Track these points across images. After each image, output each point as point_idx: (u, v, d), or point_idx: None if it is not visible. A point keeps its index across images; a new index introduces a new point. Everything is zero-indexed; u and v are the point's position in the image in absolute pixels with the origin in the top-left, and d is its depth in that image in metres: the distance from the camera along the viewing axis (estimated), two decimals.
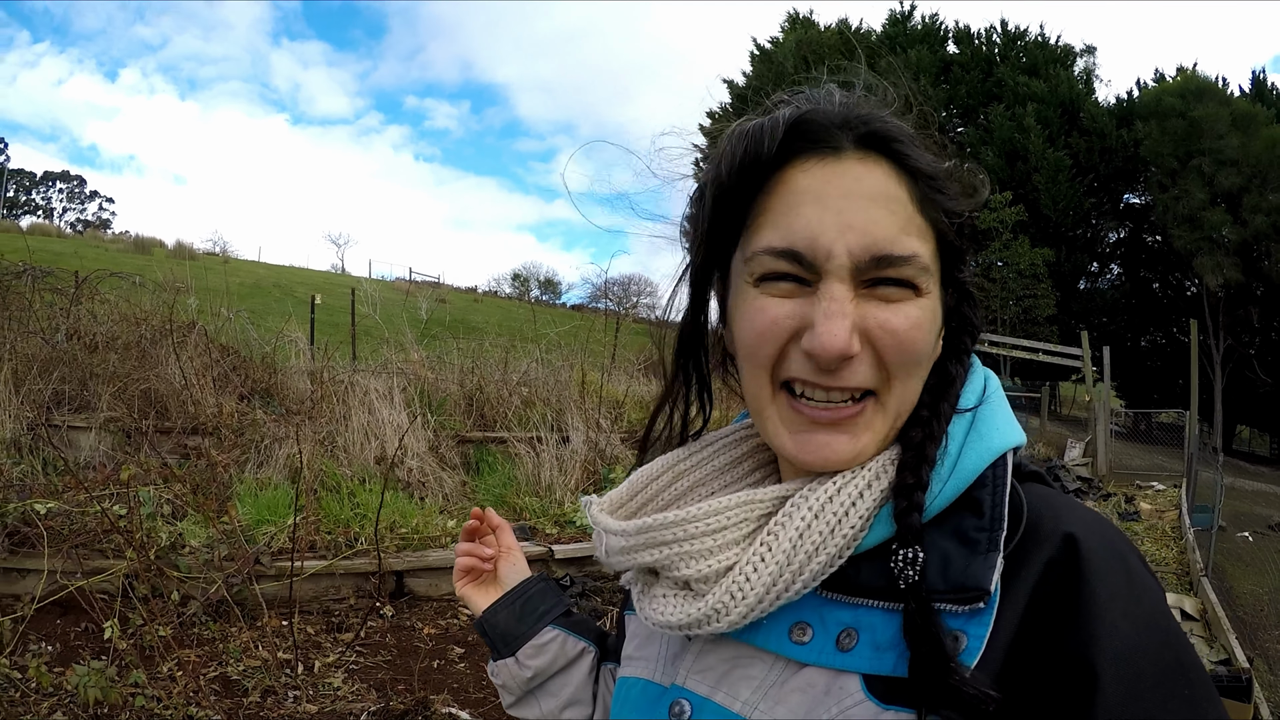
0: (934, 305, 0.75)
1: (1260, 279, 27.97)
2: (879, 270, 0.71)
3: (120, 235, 40.13)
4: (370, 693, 4.20)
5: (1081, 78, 31.22)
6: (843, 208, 0.71)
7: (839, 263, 0.71)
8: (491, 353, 10.19)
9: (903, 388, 0.74)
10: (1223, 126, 26.78)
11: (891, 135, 0.73)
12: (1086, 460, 15.89)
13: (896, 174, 0.73)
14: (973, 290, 0.82)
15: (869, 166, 0.73)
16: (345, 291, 15.00)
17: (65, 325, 7.66)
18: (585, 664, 1.15)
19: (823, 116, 0.74)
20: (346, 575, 5.38)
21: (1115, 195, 31.84)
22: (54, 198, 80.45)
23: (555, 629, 1.15)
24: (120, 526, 4.42)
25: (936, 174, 0.74)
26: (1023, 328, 26.73)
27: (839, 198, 0.72)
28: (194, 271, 10.51)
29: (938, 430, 0.75)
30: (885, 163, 0.73)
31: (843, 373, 0.72)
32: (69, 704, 3.57)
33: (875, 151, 0.73)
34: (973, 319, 0.83)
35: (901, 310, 0.72)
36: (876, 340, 0.72)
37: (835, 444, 0.74)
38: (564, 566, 6.15)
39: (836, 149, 0.73)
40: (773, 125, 0.74)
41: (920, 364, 0.75)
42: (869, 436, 0.74)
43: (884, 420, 0.75)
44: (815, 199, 0.72)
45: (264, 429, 6.92)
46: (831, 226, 0.71)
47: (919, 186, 0.74)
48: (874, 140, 0.73)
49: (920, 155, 0.74)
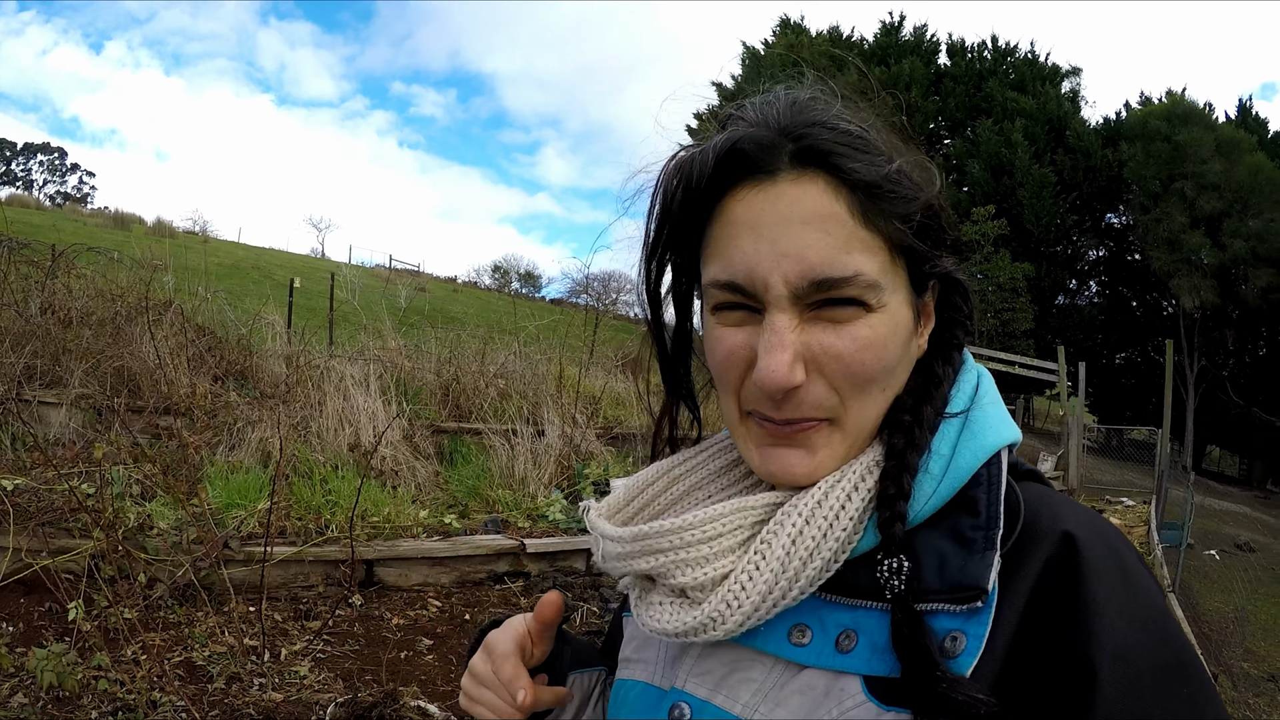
0: (893, 316, 0.73)
1: (1236, 303, 28.31)
2: (821, 293, 0.70)
3: (100, 210, 39.72)
4: (337, 682, 4.16)
5: (1068, 97, 31.47)
6: (777, 236, 0.71)
7: (777, 293, 0.71)
8: (469, 343, 10.16)
9: (859, 407, 0.74)
10: (1206, 151, 27.08)
11: (826, 148, 0.71)
12: (1058, 474, 16.02)
13: (834, 188, 0.71)
14: (961, 278, 0.81)
15: (804, 187, 0.71)
16: (324, 276, 14.89)
17: (40, 299, 7.55)
18: (599, 690, 1.07)
19: (753, 141, 0.73)
20: (316, 562, 5.34)
21: (1097, 214, 32.11)
22: (34, 169, 79.56)
23: (572, 674, 1.03)
24: (88, 505, 4.36)
25: (880, 180, 0.71)
26: (1000, 340, 26.89)
27: (773, 225, 0.71)
28: (173, 250, 10.38)
29: (919, 438, 0.74)
30: (822, 178, 0.71)
31: (792, 402, 0.73)
32: (30, 685, 3.52)
33: (812, 167, 0.72)
34: (963, 308, 0.82)
35: (848, 332, 0.71)
36: (823, 367, 0.72)
37: (791, 458, 0.75)
38: (535, 561, 6.14)
39: (771, 173, 0.72)
40: (703, 158, 0.74)
41: (876, 382, 0.74)
42: (826, 453, 0.75)
43: (841, 439, 0.75)
44: (750, 229, 0.72)
45: (237, 412, 6.84)
46: (767, 256, 0.71)
47: (859, 198, 0.71)
48: (809, 156, 0.72)
49: (861, 163, 0.71)
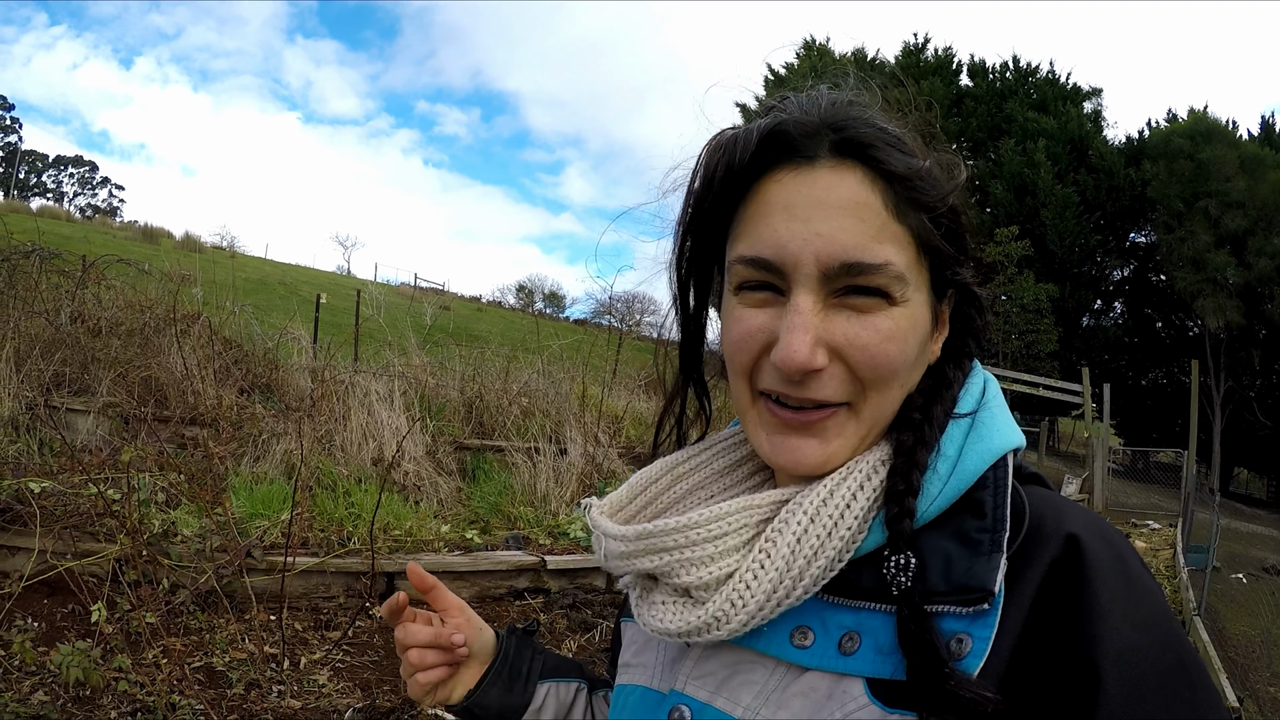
0: (914, 313, 0.74)
1: (1263, 322, 27.97)
2: (850, 278, 0.71)
3: (129, 223, 40.27)
4: (355, 691, 4.17)
5: (1090, 119, 31.32)
6: (811, 216, 0.72)
7: (806, 271, 0.71)
8: (493, 362, 10.20)
9: (879, 398, 0.74)
10: (1230, 169, 26.83)
11: (866, 141, 0.73)
12: (1083, 497, 15.86)
13: (870, 180, 0.72)
14: (976, 290, 0.81)
15: (841, 175, 0.73)
16: (350, 293, 15.01)
17: (70, 308, 7.68)
18: (581, 703, 1.10)
19: (797, 126, 0.74)
20: (337, 574, 5.36)
21: (1121, 234, 31.90)
22: (64, 182, 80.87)
23: (545, 683, 1.07)
24: (114, 510, 4.41)
25: (913, 174, 0.73)
26: (1024, 362, 26.71)
27: (808, 206, 0.72)
28: (201, 264, 10.55)
29: (929, 435, 0.74)
30: (859, 169, 0.73)
31: (810, 385, 0.73)
32: (51, 683, 3.55)
33: (850, 158, 0.73)
34: (976, 320, 0.82)
35: (872, 323, 0.72)
36: (846, 355, 0.72)
37: (805, 448, 0.75)
38: (556, 578, 6.12)
39: (810, 158, 0.74)
40: (746, 136, 0.75)
41: (897, 375, 0.74)
42: (839, 442, 0.75)
43: (857, 428, 0.75)
44: (785, 209, 0.73)
45: (262, 424, 6.91)
46: (799, 235, 0.71)
47: (893, 191, 0.73)
48: (848, 147, 0.73)
49: (897, 158, 0.73)
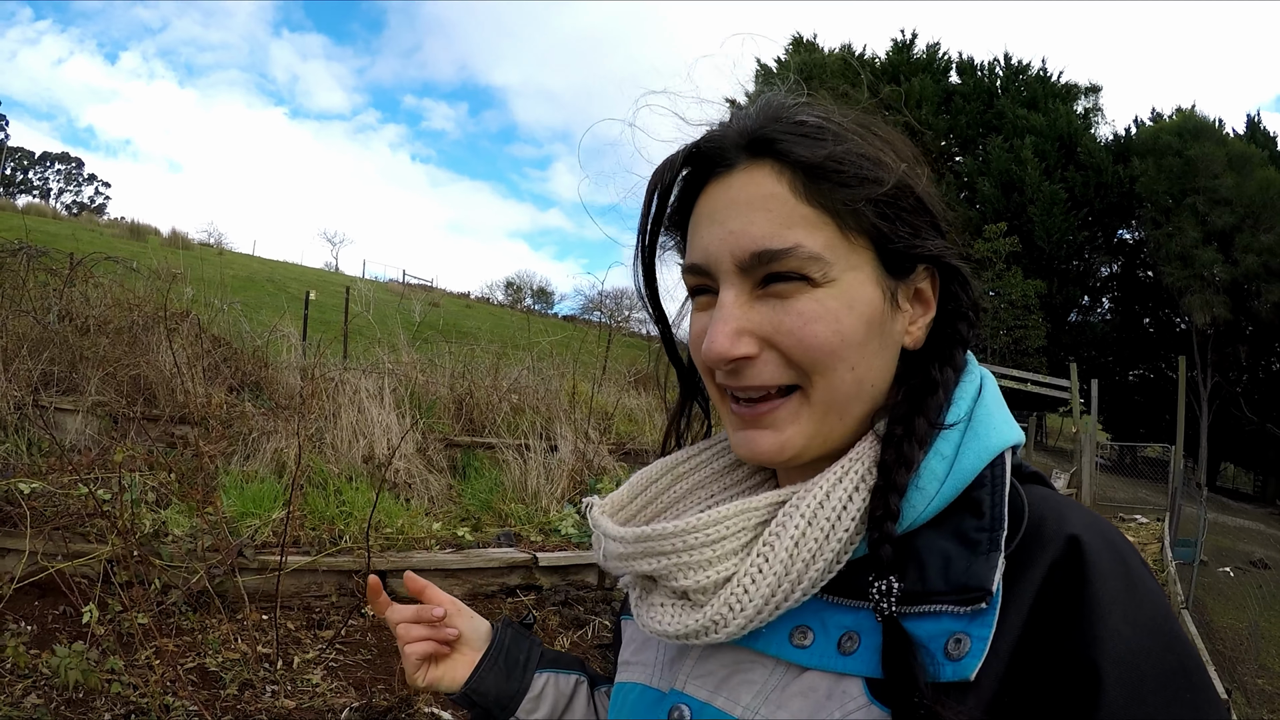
0: (846, 292, 0.74)
1: (1249, 318, 28.17)
2: (765, 267, 0.74)
3: (116, 220, 39.98)
4: (350, 691, 4.16)
5: (1080, 116, 31.39)
6: (726, 217, 0.76)
7: (725, 267, 0.75)
8: (483, 358, 10.15)
9: (826, 381, 0.74)
10: (1218, 166, 27.02)
11: (773, 137, 0.75)
12: (1071, 491, 15.95)
13: (778, 172, 0.75)
14: (957, 265, 0.79)
15: (752, 173, 0.76)
16: (339, 289, 14.95)
17: (58, 306, 7.60)
18: (582, 695, 1.11)
19: (714, 140, 0.79)
20: (329, 572, 5.34)
21: (1109, 230, 32.06)
22: (50, 178, 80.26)
23: (544, 673, 1.09)
24: (104, 511, 4.38)
25: (822, 160, 0.73)
26: (1012, 358, 26.83)
27: (724, 209, 0.76)
28: (188, 261, 10.49)
29: (909, 453, 0.73)
30: (769, 164, 0.75)
31: (745, 373, 0.75)
32: (44, 687, 3.53)
33: (761, 156, 0.76)
34: (963, 298, 0.81)
35: (794, 306, 0.73)
36: (774, 340, 0.74)
37: (759, 439, 0.77)
38: (548, 575, 6.12)
39: (729, 166, 0.77)
40: (673, 160, 0.81)
41: (837, 354, 0.73)
42: (794, 429, 0.76)
43: (811, 412, 0.75)
44: (709, 216, 0.78)
45: (252, 422, 6.87)
46: (717, 236, 0.76)
47: (800, 177, 0.74)
48: (759, 146, 0.76)
49: (805, 147, 0.74)
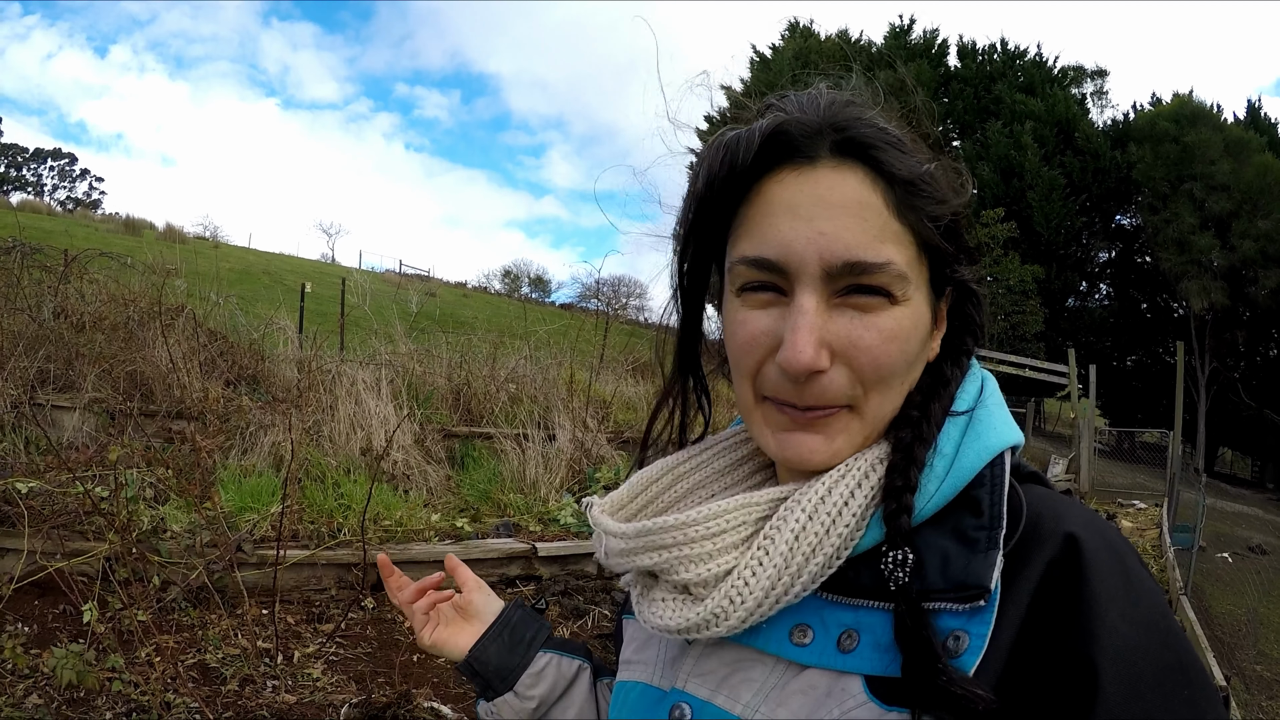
0: (915, 312, 0.74)
1: (1247, 304, 28.15)
2: (853, 278, 0.71)
3: (110, 215, 39.87)
4: (350, 684, 4.17)
5: (1079, 101, 31.29)
6: (814, 215, 0.72)
7: (811, 271, 0.72)
8: (480, 348, 10.15)
9: (880, 398, 0.75)
10: (1215, 152, 26.95)
11: (868, 141, 0.73)
12: (1069, 477, 15.97)
13: (872, 180, 0.73)
14: (976, 289, 0.82)
15: (843, 174, 0.73)
16: (335, 281, 14.91)
17: (53, 303, 7.59)
18: (584, 682, 1.12)
19: (799, 126, 0.74)
20: (328, 565, 5.35)
21: (1107, 215, 32.00)
22: (44, 175, 79.92)
23: (547, 653, 1.11)
24: (102, 508, 4.38)
25: (915, 178, 0.73)
26: (1010, 343, 26.80)
27: (811, 206, 0.72)
28: (184, 255, 10.45)
29: (927, 432, 0.74)
30: (861, 169, 0.73)
31: (814, 387, 0.73)
32: (45, 686, 3.53)
33: (852, 158, 0.73)
34: (975, 318, 0.83)
35: (875, 323, 0.72)
36: (849, 356, 0.72)
37: (810, 443, 0.75)
38: (547, 565, 6.13)
39: (811, 158, 0.74)
40: (749, 137, 0.75)
41: (898, 374, 0.74)
42: (844, 439, 0.75)
43: (860, 427, 0.75)
44: (788, 209, 0.73)
45: (250, 416, 6.87)
46: (804, 234, 0.72)
47: (895, 192, 0.73)
48: (850, 147, 0.73)
49: (899, 160, 0.73)
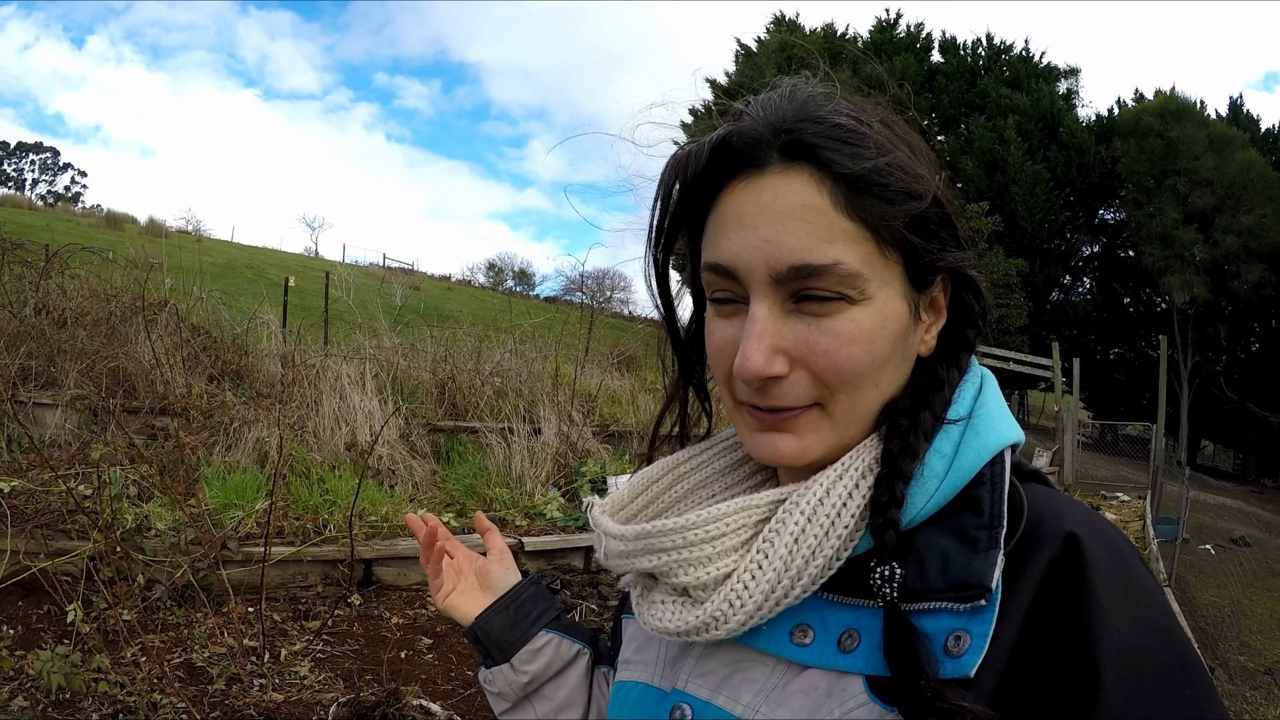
0: (881, 309, 0.73)
1: (1229, 298, 28.38)
2: (801, 281, 0.71)
3: (92, 210, 39.55)
4: (338, 682, 4.15)
5: (1063, 97, 31.43)
6: (759, 223, 0.72)
7: (760, 278, 0.72)
8: (465, 342, 10.09)
9: (849, 399, 0.74)
10: (1199, 148, 27.11)
11: (812, 142, 0.72)
12: (1053, 470, 16.04)
13: (818, 180, 0.72)
14: (972, 274, 0.80)
15: (788, 179, 0.72)
16: (318, 274, 14.80)
17: (34, 299, 7.51)
18: (580, 666, 1.13)
19: (742, 137, 0.74)
20: (314, 562, 5.32)
21: (1091, 210, 32.15)
22: (25, 169, 79.15)
23: (550, 632, 1.12)
24: (85, 507, 4.34)
25: (866, 173, 0.71)
26: (994, 337, 26.89)
27: (755, 215, 0.73)
28: (167, 249, 10.35)
29: (914, 444, 0.73)
30: (807, 170, 0.72)
31: (773, 392, 0.73)
32: (30, 688, 3.50)
33: (799, 160, 0.73)
34: (974, 306, 0.81)
35: (831, 327, 0.72)
36: (807, 362, 0.72)
37: (780, 442, 0.75)
38: (533, 559, 6.13)
39: (760, 167, 0.74)
40: (698, 151, 0.76)
41: (865, 375, 0.73)
42: (814, 437, 0.75)
43: (831, 426, 0.75)
44: (737, 220, 0.74)
45: (234, 412, 6.81)
46: (749, 243, 0.72)
47: (841, 189, 0.71)
48: (796, 150, 0.73)
49: (848, 156, 0.72)
